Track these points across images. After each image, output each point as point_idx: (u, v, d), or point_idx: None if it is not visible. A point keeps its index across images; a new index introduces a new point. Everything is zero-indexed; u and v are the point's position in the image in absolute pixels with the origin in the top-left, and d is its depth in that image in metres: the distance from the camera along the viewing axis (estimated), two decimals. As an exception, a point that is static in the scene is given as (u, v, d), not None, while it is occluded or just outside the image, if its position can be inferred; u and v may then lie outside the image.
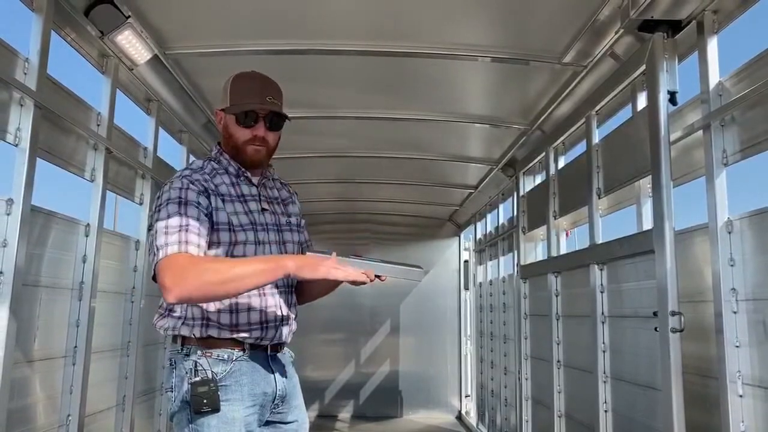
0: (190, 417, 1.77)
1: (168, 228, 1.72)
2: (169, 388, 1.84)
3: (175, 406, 1.81)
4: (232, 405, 1.78)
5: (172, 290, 1.63)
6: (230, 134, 1.92)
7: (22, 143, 2.25)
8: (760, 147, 2.16)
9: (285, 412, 1.94)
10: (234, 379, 1.80)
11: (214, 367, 1.79)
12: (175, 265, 1.66)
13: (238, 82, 1.92)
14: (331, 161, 5.28)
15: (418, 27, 2.97)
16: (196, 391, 1.74)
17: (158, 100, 3.51)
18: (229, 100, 1.90)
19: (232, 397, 1.79)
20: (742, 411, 2.16)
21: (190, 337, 1.82)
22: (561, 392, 3.79)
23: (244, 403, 1.81)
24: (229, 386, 1.79)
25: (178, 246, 1.70)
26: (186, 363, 1.80)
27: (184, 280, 1.64)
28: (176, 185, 1.81)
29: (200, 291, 1.66)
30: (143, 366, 3.52)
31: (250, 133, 1.89)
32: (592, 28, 2.77)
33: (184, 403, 1.78)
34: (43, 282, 2.53)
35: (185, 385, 1.78)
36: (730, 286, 2.22)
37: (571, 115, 3.58)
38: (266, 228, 1.90)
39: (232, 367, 1.81)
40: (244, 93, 1.89)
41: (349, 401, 7.87)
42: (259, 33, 3.03)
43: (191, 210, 1.77)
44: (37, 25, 2.33)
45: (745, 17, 2.28)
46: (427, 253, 8.04)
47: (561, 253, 3.95)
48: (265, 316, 1.86)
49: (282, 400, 1.92)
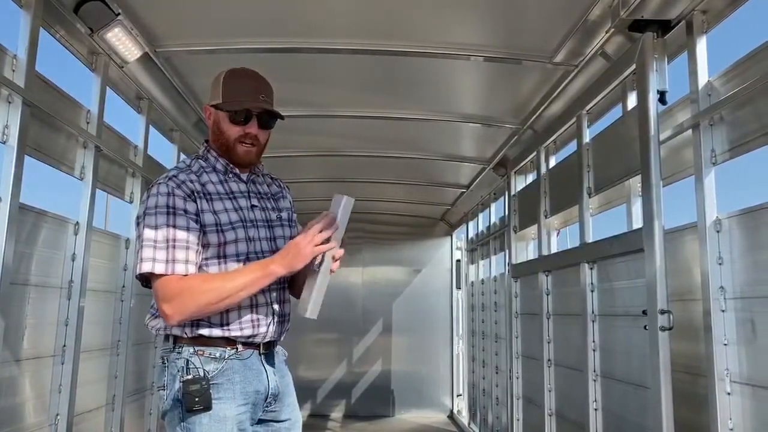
0: (182, 415, 1.76)
1: (156, 242, 1.76)
2: (161, 387, 1.84)
3: (167, 404, 1.81)
4: (224, 403, 1.78)
5: (172, 317, 1.76)
6: (221, 131, 1.90)
7: (10, 141, 2.24)
8: (749, 146, 2.18)
9: (278, 411, 1.93)
10: (226, 377, 1.80)
11: (206, 365, 1.79)
12: (170, 293, 1.75)
13: (230, 78, 1.91)
14: (323, 160, 5.28)
15: (411, 26, 2.97)
16: (188, 389, 1.74)
17: (149, 98, 3.50)
18: (221, 96, 1.89)
19: (224, 396, 1.78)
20: (730, 408, 2.17)
21: (181, 336, 1.82)
22: (552, 391, 3.81)
23: (236, 402, 1.80)
24: (221, 384, 1.79)
25: (165, 266, 1.75)
26: (178, 361, 1.80)
27: (183, 306, 1.75)
28: (163, 190, 1.80)
29: (199, 313, 1.78)
30: (133, 365, 3.50)
31: (242, 131, 1.88)
32: (583, 28, 2.78)
33: (176, 402, 1.78)
34: (32, 281, 2.52)
35: (177, 384, 1.77)
36: (718, 284, 2.24)
37: (562, 114, 3.59)
38: (256, 225, 1.90)
39: (224, 366, 1.80)
40: (237, 90, 1.88)
41: (341, 400, 7.87)
42: (251, 31, 3.02)
43: (179, 220, 1.78)
44: (26, 22, 2.32)
45: (733, 17, 2.30)
46: (419, 253, 8.05)
47: (552, 252, 3.97)
48: (257, 313, 1.86)
49: (275, 399, 1.91)
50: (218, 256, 1.83)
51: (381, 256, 7.97)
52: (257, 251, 1.87)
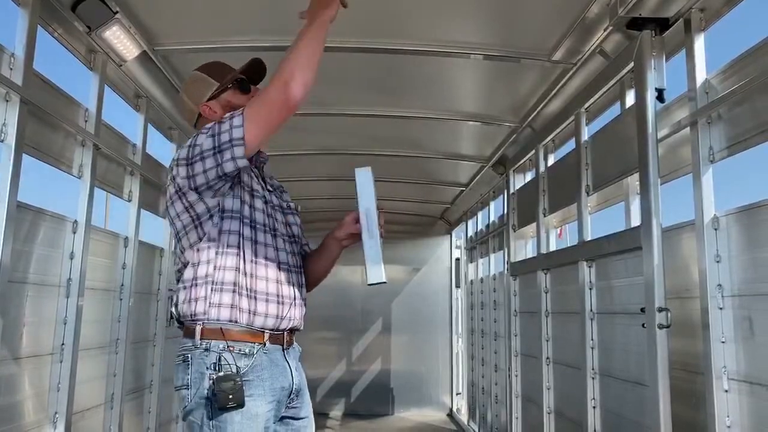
0: (211, 413, 1.72)
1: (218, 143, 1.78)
2: (184, 386, 1.77)
3: (192, 403, 1.75)
4: (255, 400, 1.75)
5: (297, 85, 1.72)
6: (235, 107, 1.90)
7: (8, 139, 2.23)
8: (746, 144, 2.18)
9: (298, 407, 1.93)
10: (256, 373, 1.78)
11: (238, 361, 1.76)
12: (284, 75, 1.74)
13: (208, 67, 2.03)
14: (323, 158, 5.27)
15: (410, 24, 2.97)
16: (221, 386, 1.70)
17: (147, 97, 3.50)
18: (214, 83, 1.98)
19: (255, 392, 1.76)
20: (727, 406, 2.17)
21: (211, 330, 1.77)
22: (550, 389, 3.81)
23: (266, 399, 1.79)
24: (252, 381, 1.76)
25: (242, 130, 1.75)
26: (206, 358, 1.75)
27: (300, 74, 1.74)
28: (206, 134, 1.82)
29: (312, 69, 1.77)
30: (132, 363, 3.50)
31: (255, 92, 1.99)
32: (581, 26, 2.78)
33: (203, 400, 1.73)
34: (31, 279, 2.51)
35: (206, 381, 1.73)
36: (716, 282, 2.24)
37: (560, 112, 3.59)
38: (273, 206, 1.96)
39: (253, 362, 1.78)
40: (223, 70, 2.01)
41: (340, 399, 7.88)
42: (250, 29, 3.02)
43: None
44: (24, 20, 2.32)
45: (731, 15, 2.30)
46: (418, 251, 8.06)
47: (551, 250, 3.97)
48: (281, 290, 1.87)
49: (297, 395, 1.91)
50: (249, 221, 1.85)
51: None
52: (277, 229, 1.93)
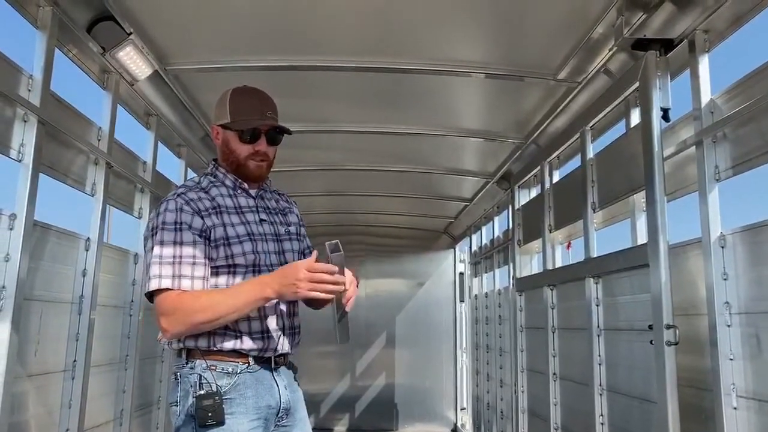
0: (195, 430, 1.79)
1: (162, 258, 1.81)
2: (174, 403, 1.86)
3: (179, 420, 1.83)
4: (237, 418, 1.80)
5: (167, 331, 1.81)
6: (231, 150, 1.95)
7: (26, 159, 2.28)
8: (752, 163, 2.21)
9: (290, 426, 1.96)
10: (238, 392, 1.82)
11: (219, 380, 1.81)
12: (168, 308, 1.80)
13: (236, 98, 1.95)
14: (327, 174, 5.32)
15: (413, 43, 3.01)
16: (201, 404, 1.77)
17: (157, 115, 3.54)
18: (228, 115, 1.93)
19: (236, 411, 1.81)
20: (736, 423, 2.19)
21: (195, 351, 1.84)
22: (557, 405, 3.81)
23: (248, 416, 1.82)
24: (234, 399, 1.81)
25: (171, 281, 1.80)
26: (191, 377, 1.83)
27: (176, 322, 1.79)
28: (171, 207, 1.85)
29: (190, 330, 1.82)
30: (141, 380, 3.52)
31: (252, 149, 1.94)
32: (587, 46, 2.82)
33: (188, 417, 1.80)
34: (44, 296, 2.54)
35: (190, 399, 1.80)
36: (723, 299, 2.26)
37: (565, 130, 3.63)
38: (264, 238, 1.94)
39: (236, 380, 1.83)
40: (244, 110, 1.93)
41: (344, 414, 7.85)
42: (258, 49, 3.08)
43: (185, 236, 1.82)
44: (41, 43, 2.36)
45: (735, 37, 2.34)
46: (422, 265, 8.06)
47: (557, 266, 3.99)
48: (267, 325, 1.89)
49: (287, 413, 1.93)
50: (228, 268, 1.86)
51: (384, 269, 7.98)
52: (266, 264, 1.90)
